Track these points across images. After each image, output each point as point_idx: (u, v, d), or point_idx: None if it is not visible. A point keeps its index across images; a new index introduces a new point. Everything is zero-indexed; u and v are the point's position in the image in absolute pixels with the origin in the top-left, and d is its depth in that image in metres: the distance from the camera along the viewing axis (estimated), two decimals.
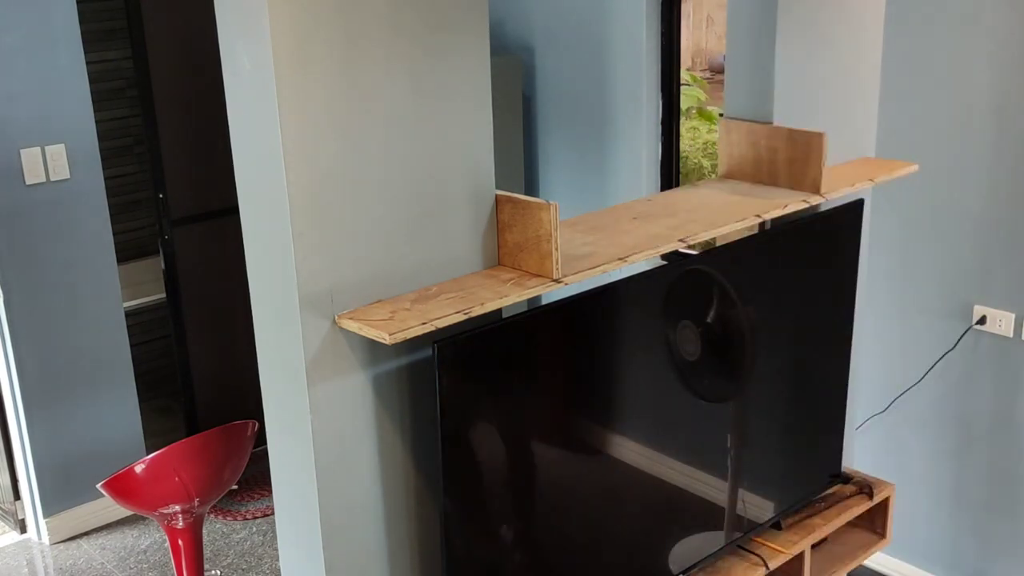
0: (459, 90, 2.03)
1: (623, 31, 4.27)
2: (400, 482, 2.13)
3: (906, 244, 3.49)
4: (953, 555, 3.59)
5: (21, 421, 3.94)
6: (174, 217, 4.23)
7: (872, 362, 3.53)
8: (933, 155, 3.25)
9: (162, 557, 3.94)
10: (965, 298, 3.38)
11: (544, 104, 4.69)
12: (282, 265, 1.90)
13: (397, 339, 1.84)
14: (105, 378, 4.11)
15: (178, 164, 4.21)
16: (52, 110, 3.81)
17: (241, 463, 3.16)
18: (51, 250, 3.88)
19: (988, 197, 3.27)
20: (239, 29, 1.83)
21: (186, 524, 3.09)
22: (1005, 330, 3.30)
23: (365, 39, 1.88)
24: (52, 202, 3.85)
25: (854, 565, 3.00)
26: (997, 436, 3.40)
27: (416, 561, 2.19)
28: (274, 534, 4.00)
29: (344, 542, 2.07)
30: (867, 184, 2.72)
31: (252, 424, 3.13)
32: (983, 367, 3.39)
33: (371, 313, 1.94)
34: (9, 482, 4.12)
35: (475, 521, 2.19)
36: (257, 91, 1.82)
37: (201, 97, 4.14)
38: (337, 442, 2.01)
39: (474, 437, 2.11)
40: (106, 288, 4.05)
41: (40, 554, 4.06)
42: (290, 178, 1.83)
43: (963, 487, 3.53)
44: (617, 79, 4.35)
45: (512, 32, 4.68)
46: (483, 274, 2.09)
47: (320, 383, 1.95)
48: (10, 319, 3.82)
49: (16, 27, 3.68)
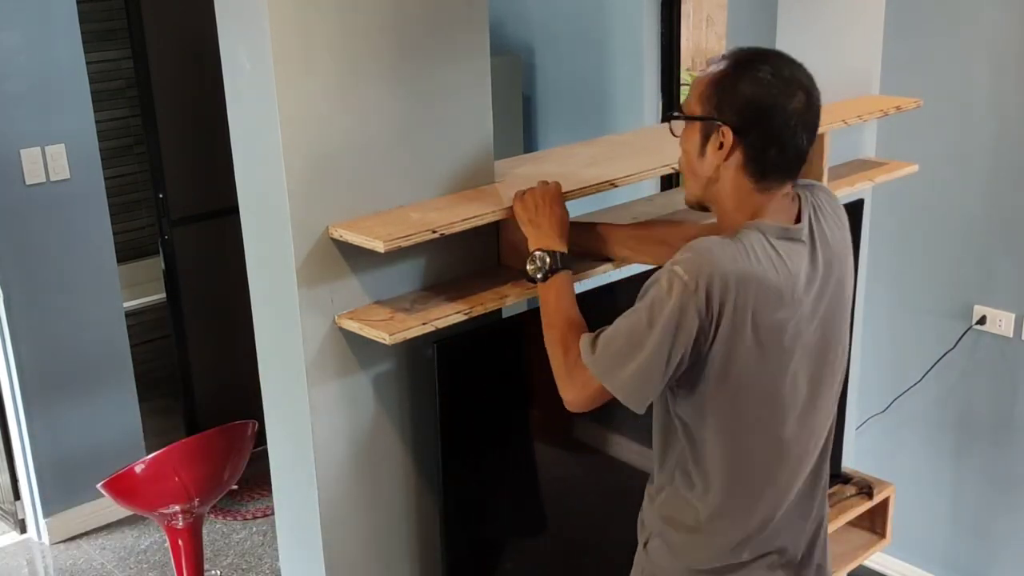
0: (459, 90, 2.03)
1: (623, 31, 4.27)
2: (400, 482, 2.13)
3: (906, 244, 3.49)
4: (953, 555, 3.59)
5: (21, 421, 3.94)
6: (174, 217, 4.23)
7: (872, 362, 3.53)
8: (933, 155, 3.24)
9: (162, 557, 3.94)
10: (965, 298, 3.38)
11: (544, 104, 4.69)
12: (282, 265, 1.90)
13: (397, 339, 1.84)
14: (105, 378, 4.10)
15: (178, 164, 4.21)
16: (52, 110, 3.80)
17: (241, 463, 3.16)
18: (51, 250, 3.88)
19: (988, 197, 3.27)
20: (239, 29, 1.83)
21: (186, 524, 3.09)
22: (1005, 330, 3.30)
23: (365, 39, 1.88)
24: (52, 202, 3.85)
25: (854, 565, 3.00)
26: (997, 436, 3.40)
27: (416, 561, 2.19)
28: (274, 534, 3.99)
29: (344, 542, 2.07)
30: (867, 184, 2.72)
31: (252, 424, 3.13)
32: (983, 367, 3.39)
33: (371, 313, 1.94)
34: (9, 482, 4.12)
35: (475, 520, 2.19)
36: (257, 91, 1.82)
37: (201, 97, 4.13)
38: (337, 442, 2.01)
39: (474, 437, 2.11)
40: (106, 288, 4.05)
41: (40, 554, 4.05)
42: (290, 178, 1.83)
43: (963, 487, 3.52)
44: (617, 79, 4.35)
45: (512, 32, 4.67)
46: (483, 274, 2.09)
47: (320, 383, 1.95)
48: (10, 319, 3.82)
49: (16, 27, 3.68)
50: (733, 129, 1.69)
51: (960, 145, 3.29)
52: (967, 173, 3.30)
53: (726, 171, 1.73)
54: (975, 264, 3.34)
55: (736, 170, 1.72)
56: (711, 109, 1.71)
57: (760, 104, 1.68)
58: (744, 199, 1.74)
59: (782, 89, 1.68)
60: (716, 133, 1.71)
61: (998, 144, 3.21)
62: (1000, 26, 3.15)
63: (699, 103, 1.73)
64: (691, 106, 1.75)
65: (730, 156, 1.71)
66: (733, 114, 1.69)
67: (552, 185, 1.95)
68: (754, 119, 1.69)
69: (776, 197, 1.74)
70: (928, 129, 3.29)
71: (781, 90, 1.68)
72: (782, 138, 1.69)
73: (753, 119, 1.69)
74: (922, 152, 3.11)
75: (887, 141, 3.06)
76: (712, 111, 1.71)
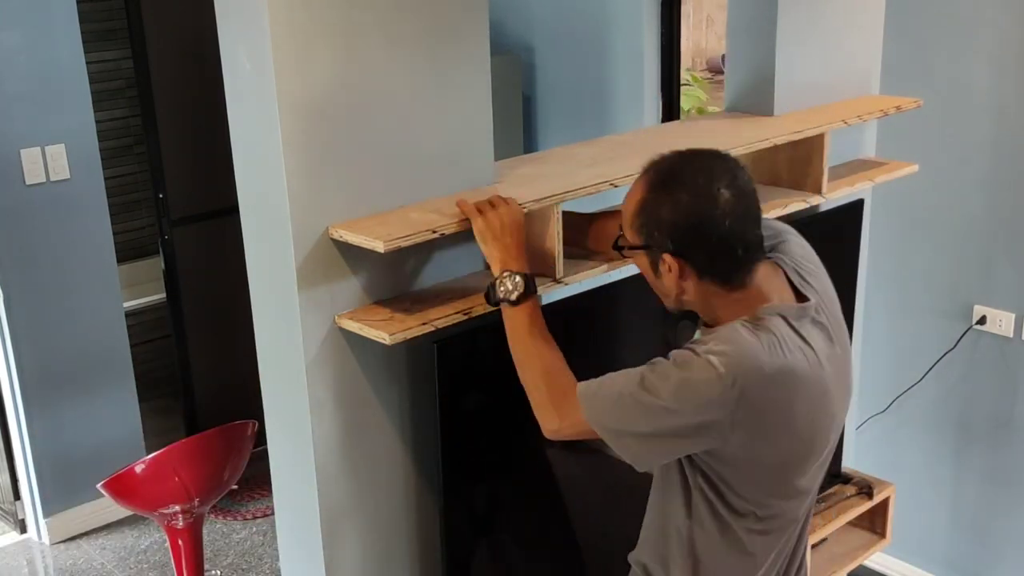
0: (459, 90, 2.03)
1: (623, 31, 4.27)
2: (400, 482, 2.12)
3: (906, 244, 3.49)
4: (953, 555, 3.59)
5: (21, 421, 3.94)
6: (174, 217, 4.23)
7: (872, 362, 3.53)
8: (933, 155, 3.24)
9: (162, 557, 3.94)
10: (965, 298, 3.38)
11: (544, 104, 4.69)
12: (282, 265, 1.90)
13: (397, 339, 1.84)
14: (105, 378, 4.10)
15: (178, 164, 4.21)
16: (52, 110, 3.80)
17: (241, 463, 3.16)
18: (51, 250, 3.88)
19: (988, 197, 3.27)
20: (239, 29, 1.83)
21: (186, 524, 3.09)
22: (1005, 330, 3.30)
23: (365, 39, 1.88)
24: (52, 202, 3.85)
25: (854, 565, 3.00)
26: (997, 436, 3.40)
27: (416, 561, 2.19)
28: (274, 534, 3.99)
29: (344, 542, 2.07)
30: (867, 184, 2.72)
31: (252, 424, 3.13)
32: (983, 367, 3.39)
33: (371, 313, 1.94)
34: (9, 482, 4.12)
35: (475, 521, 2.19)
36: (257, 91, 1.82)
37: (201, 97, 4.13)
38: (337, 442, 2.01)
39: (474, 437, 2.11)
40: (106, 288, 4.05)
41: (40, 554, 4.05)
42: (290, 178, 1.83)
43: (963, 487, 3.52)
44: (617, 79, 4.35)
45: (512, 32, 4.67)
46: (483, 274, 2.09)
47: (320, 383, 1.95)
48: (10, 319, 3.82)
49: (16, 27, 3.68)
50: (672, 254, 1.66)
51: (960, 145, 3.29)
52: (967, 173, 3.30)
53: (689, 287, 1.70)
54: (975, 264, 3.34)
55: (697, 284, 1.69)
56: (646, 238, 1.69)
57: (686, 225, 1.64)
58: (725, 300, 1.70)
59: (703, 200, 1.63)
60: (660, 260, 1.68)
61: (998, 144, 3.21)
62: (1000, 26, 3.15)
63: (633, 232, 1.71)
64: (629, 235, 1.73)
65: (684, 274, 1.68)
66: (667, 240, 1.66)
67: (513, 204, 1.89)
68: (688, 239, 1.65)
69: (760, 282, 1.70)
70: (928, 129, 3.29)
71: (702, 202, 1.63)
72: (725, 243, 1.65)
73: (687, 240, 1.65)
74: (922, 152, 3.11)
75: (887, 141, 3.06)
76: (648, 239, 1.69)
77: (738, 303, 1.69)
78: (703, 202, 1.64)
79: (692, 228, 1.65)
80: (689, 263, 1.67)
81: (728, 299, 1.70)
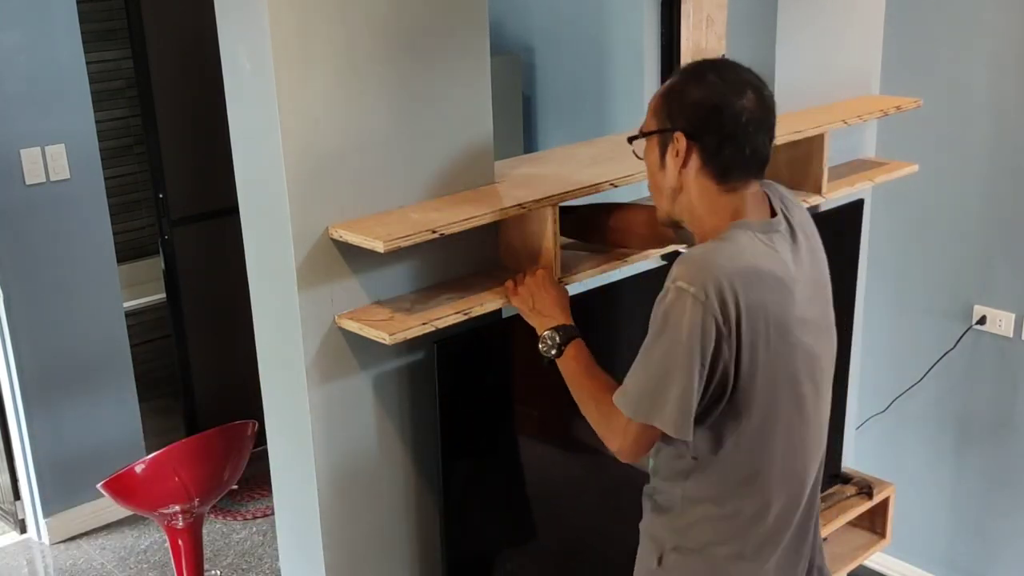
0: (459, 90, 2.03)
1: (623, 31, 4.27)
2: (400, 482, 2.13)
3: (906, 244, 3.49)
4: (953, 555, 3.59)
5: (21, 421, 3.94)
6: (174, 217, 4.23)
7: (872, 362, 3.53)
8: (933, 155, 3.24)
9: (162, 557, 3.94)
10: (965, 298, 3.38)
11: (544, 104, 4.69)
12: (282, 265, 1.90)
13: (397, 339, 1.84)
14: (105, 378, 4.10)
15: (178, 164, 4.21)
16: (52, 110, 3.80)
17: (241, 463, 3.16)
18: (51, 250, 3.88)
19: (988, 197, 3.27)
20: (239, 29, 1.83)
21: (186, 524, 3.09)
22: (1005, 330, 3.30)
23: (365, 39, 1.88)
24: (52, 202, 3.85)
25: (854, 565, 3.00)
26: (997, 436, 3.40)
27: (416, 560, 2.19)
28: (274, 534, 3.99)
29: (344, 542, 2.07)
30: (867, 184, 2.72)
31: (252, 424, 3.13)
32: (983, 367, 3.39)
33: (371, 313, 1.94)
34: (9, 482, 4.12)
35: (475, 521, 2.19)
36: (257, 91, 1.82)
37: (201, 97, 4.13)
38: (337, 442, 2.01)
39: (474, 437, 2.11)
40: (106, 288, 4.05)
41: (40, 554, 4.05)
42: (290, 178, 1.83)
43: (963, 487, 3.52)
44: (617, 79, 4.35)
45: (512, 32, 4.67)
46: (483, 274, 2.09)
47: (320, 383, 1.95)
48: (10, 319, 3.82)
49: (16, 27, 3.68)
50: (686, 134, 1.73)
51: (960, 145, 3.29)
52: (967, 173, 3.30)
53: (688, 177, 1.76)
54: (975, 264, 3.34)
55: (697, 173, 1.75)
56: (664, 120, 1.77)
57: (708, 105, 1.72)
58: (714, 202, 1.76)
59: (730, 89, 1.72)
60: (671, 142, 1.75)
61: (998, 144, 3.21)
62: (1000, 26, 3.15)
63: (653, 118, 1.80)
64: (647, 124, 1.81)
65: (688, 161, 1.75)
66: (684, 120, 1.74)
67: (539, 271, 1.99)
68: (704, 120, 1.73)
69: (746, 197, 1.77)
70: (928, 129, 3.29)
71: (729, 89, 1.72)
72: (735, 135, 1.72)
73: (703, 120, 1.73)
74: (922, 152, 3.11)
75: (887, 141, 3.07)
76: (665, 122, 1.76)
77: (723, 209, 1.76)
78: (729, 91, 1.72)
79: (713, 109, 1.72)
80: (699, 146, 1.73)
81: (716, 203, 1.76)
